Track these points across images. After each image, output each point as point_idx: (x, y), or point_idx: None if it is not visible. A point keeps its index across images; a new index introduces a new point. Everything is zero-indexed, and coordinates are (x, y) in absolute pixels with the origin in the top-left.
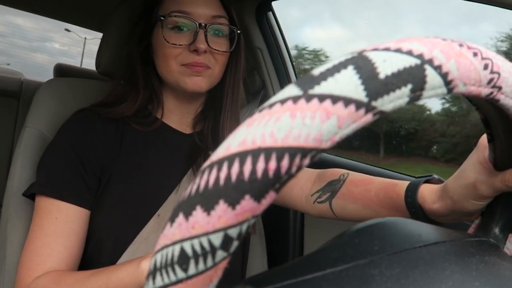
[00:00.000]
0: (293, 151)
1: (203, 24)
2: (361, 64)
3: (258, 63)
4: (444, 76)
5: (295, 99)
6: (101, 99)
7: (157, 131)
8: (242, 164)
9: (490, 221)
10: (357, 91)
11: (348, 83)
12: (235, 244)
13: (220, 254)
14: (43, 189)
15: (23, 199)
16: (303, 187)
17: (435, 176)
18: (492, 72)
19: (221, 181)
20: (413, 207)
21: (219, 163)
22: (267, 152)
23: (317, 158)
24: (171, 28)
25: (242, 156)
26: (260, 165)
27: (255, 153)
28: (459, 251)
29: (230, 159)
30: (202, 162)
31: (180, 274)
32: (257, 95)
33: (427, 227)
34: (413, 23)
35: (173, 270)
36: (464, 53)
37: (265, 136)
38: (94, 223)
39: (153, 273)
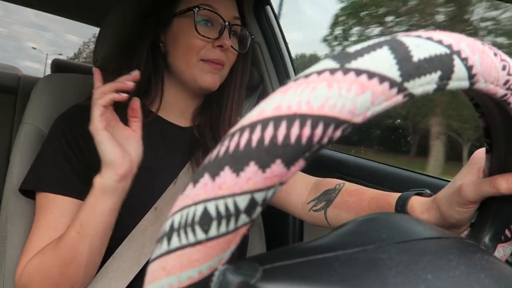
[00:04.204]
0: (328, 120)
1: (228, 23)
2: (396, 46)
3: (256, 57)
4: (469, 69)
5: (333, 71)
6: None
7: (152, 124)
8: (276, 128)
9: (480, 230)
10: (392, 70)
11: (384, 61)
12: (258, 210)
13: (243, 218)
14: (40, 185)
15: (22, 196)
16: (300, 194)
17: (427, 191)
18: (509, 74)
19: (253, 143)
20: None
21: (252, 126)
22: (303, 118)
23: (343, 133)
24: (200, 21)
25: (276, 120)
26: (295, 131)
27: (290, 118)
28: (461, 247)
29: (264, 122)
30: (201, 155)
31: (200, 235)
32: (255, 90)
33: (428, 224)
34: None
35: (193, 230)
36: (487, 51)
37: (301, 103)
38: None
39: (168, 234)
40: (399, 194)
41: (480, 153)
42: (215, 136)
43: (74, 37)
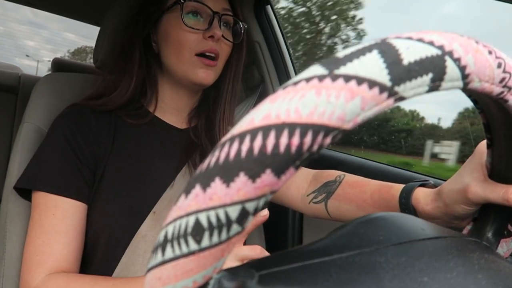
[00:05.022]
0: (317, 128)
1: (217, 13)
2: (386, 49)
3: (256, 57)
4: (462, 69)
5: (321, 77)
6: (90, 92)
7: (150, 125)
8: (265, 137)
9: (483, 226)
10: (382, 75)
11: (374, 66)
12: (250, 219)
13: (235, 228)
14: (40, 185)
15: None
16: (300, 187)
17: (431, 181)
18: (504, 71)
19: (243, 154)
20: (407, 208)
21: (241, 136)
22: (291, 127)
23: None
24: (187, 13)
25: (265, 130)
26: (284, 140)
27: (279, 128)
28: (460, 247)
29: (253, 132)
30: (198, 158)
31: (193, 245)
32: (255, 90)
33: (427, 223)
34: None
35: (186, 241)
36: (481, 49)
37: (289, 112)
38: (89, 218)
39: (162, 245)
40: (402, 185)
41: (483, 146)
42: (212, 138)
43: (71, 35)
